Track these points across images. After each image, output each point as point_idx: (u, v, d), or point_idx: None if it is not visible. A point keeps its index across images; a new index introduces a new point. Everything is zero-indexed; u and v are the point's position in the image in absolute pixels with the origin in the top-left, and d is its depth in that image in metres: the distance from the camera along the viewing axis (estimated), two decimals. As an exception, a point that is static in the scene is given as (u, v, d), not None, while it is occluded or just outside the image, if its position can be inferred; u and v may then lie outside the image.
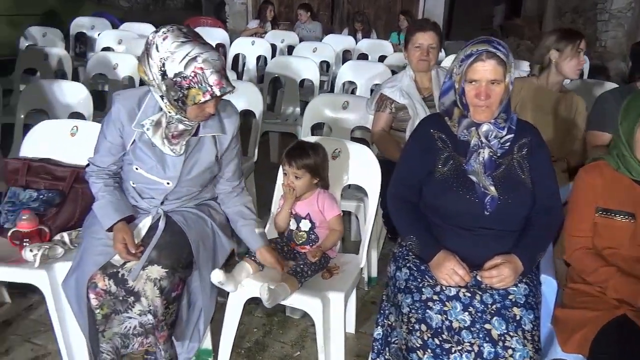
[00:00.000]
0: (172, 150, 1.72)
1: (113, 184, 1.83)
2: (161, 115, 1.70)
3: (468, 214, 1.60)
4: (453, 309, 1.51)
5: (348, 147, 2.08)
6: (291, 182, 1.89)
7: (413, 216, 1.68)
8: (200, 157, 1.79)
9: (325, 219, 1.93)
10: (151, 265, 1.69)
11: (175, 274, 1.70)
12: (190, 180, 1.81)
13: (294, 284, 1.75)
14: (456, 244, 1.62)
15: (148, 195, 1.83)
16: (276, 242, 1.96)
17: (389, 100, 2.56)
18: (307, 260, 1.84)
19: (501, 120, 1.62)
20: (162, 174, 1.76)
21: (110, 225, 1.75)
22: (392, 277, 1.71)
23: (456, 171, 1.63)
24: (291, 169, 1.87)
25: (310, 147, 1.91)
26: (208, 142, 1.80)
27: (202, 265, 1.81)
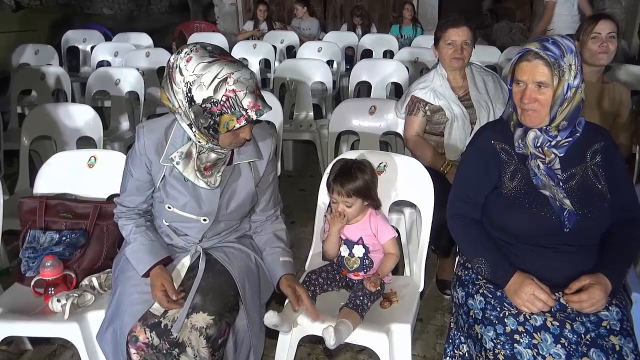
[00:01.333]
0: (207, 183, 1.57)
1: (145, 224, 1.68)
2: (190, 146, 1.56)
3: (544, 232, 1.47)
4: (543, 341, 1.38)
5: (395, 160, 1.94)
6: (342, 211, 1.74)
7: (479, 235, 1.58)
8: (238, 187, 1.65)
9: (379, 243, 1.78)
10: (196, 313, 1.55)
11: (222, 320, 1.57)
12: (229, 214, 1.67)
13: (355, 319, 1.62)
14: (531, 263, 1.51)
15: (183, 233, 1.69)
16: (326, 271, 1.83)
17: (422, 103, 2.42)
18: (365, 290, 1.69)
19: (553, 128, 1.47)
20: (197, 211, 1.62)
21: (145, 271, 1.61)
22: (462, 305, 1.59)
23: (526, 186, 1.51)
24: (341, 197, 1.73)
25: (357, 167, 1.76)
26: (245, 170, 1.66)
27: (248, 304, 1.68)
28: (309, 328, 1.65)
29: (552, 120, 1.46)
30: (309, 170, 4.00)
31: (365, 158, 1.87)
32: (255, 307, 1.71)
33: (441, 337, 2.23)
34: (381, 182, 1.87)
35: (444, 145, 2.37)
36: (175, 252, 1.69)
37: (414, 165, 1.91)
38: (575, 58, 1.43)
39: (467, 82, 2.43)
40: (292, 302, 1.63)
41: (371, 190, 1.77)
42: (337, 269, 1.84)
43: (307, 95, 3.67)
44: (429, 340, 2.22)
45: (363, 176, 1.74)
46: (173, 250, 1.69)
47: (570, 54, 1.42)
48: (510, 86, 1.51)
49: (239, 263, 1.68)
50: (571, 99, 1.44)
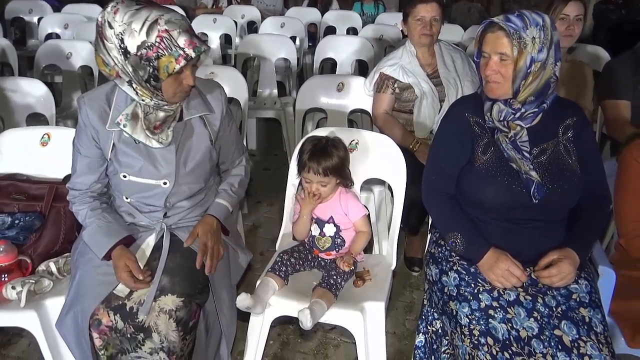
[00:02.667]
0: (159, 140, 1.53)
1: (100, 206, 1.61)
2: (135, 107, 1.52)
3: (515, 205, 1.49)
4: (517, 315, 1.40)
5: (367, 138, 1.91)
6: (316, 191, 1.70)
7: (455, 209, 1.59)
8: (193, 144, 1.62)
9: (350, 221, 1.76)
10: (164, 296, 1.50)
11: (192, 302, 1.53)
12: (190, 175, 1.62)
13: (329, 299, 1.60)
14: (504, 240, 1.52)
15: (147, 209, 1.63)
16: (298, 251, 1.79)
17: (391, 80, 2.39)
18: (339, 269, 1.67)
19: (516, 102, 1.48)
20: (155, 174, 1.57)
21: (105, 253, 1.54)
22: (436, 282, 1.59)
23: (498, 159, 1.51)
24: (317, 176, 1.69)
25: (332, 145, 1.73)
26: (197, 126, 1.63)
27: (218, 285, 1.64)
28: (282, 309, 1.63)
29: (516, 93, 1.45)
30: (273, 149, 3.95)
31: (337, 136, 1.83)
32: (225, 289, 1.67)
33: (410, 313, 2.26)
34: (352, 160, 1.84)
35: (413, 123, 2.36)
36: (138, 231, 1.63)
37: (385, 142, 1.89)
38: (541, 32, 1.40)
39: (435, 60, 2.41)
40: (188, 241, 1.59)
41: (346, 168, 1.74)
42: (309, 249, 1.81)
43: (270, 71, 3.57)
44: (398, 317, 2.24)
45: (339, 153, 1.71)
46: (136, 230, 1.63)
47: (535, 27, 1.40)
48: (478, 59, 1.51)
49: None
50: (537, 73, 1.42)
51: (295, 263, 1.74)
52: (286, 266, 1.70)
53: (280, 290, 1.67)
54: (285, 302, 1.63)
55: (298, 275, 1.76)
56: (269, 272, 1.69)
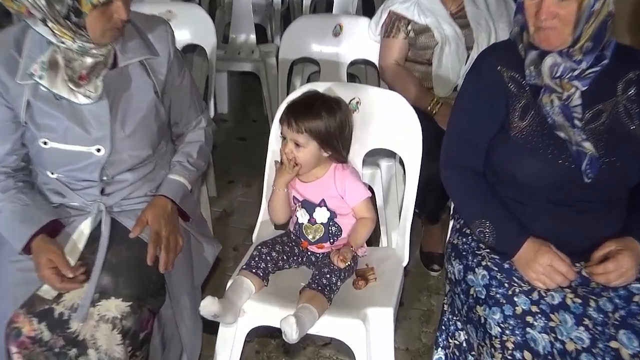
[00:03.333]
0: (86, 94, 1.54)
1: (15, 185, 1.63)
2: (53, 52, 1.52)
3: (561, 184, 1.51)
4: (562, 323, 1.42)
5: (372, 95, 1.91)
6: (289, 152, 1.73)
7: (482, 190, 1.62)
8: (133, 97, 1.63)
9: (349, 205, 1.79)
10: (105, 299, 1.52)
11: (142, 307, 1.55)
12: (131, 138, 1.64)
13: (321, 304, 1.62)
14: (547, 227, 1.55)
15: (80, 185, 1.65)
16: (281, 242, 1.81)
17: (404, 21, 2.41)
18: (333, 266, 1.69)
19: (577, 51, 1.48)
20: (85, 138, 1.58)
21: (23, 245, 1.55)
22: (460, 282, 1.62)
23: (540, 126, 1.53)
24: (290, 131, 1.71)
25: (324, 103, 1.73)
26: (137, 74, 1.64)
27: (176, 287, 1.67)
28: (260, 318, 1.65)
29: (576, 41, 1.46)
30: (251, 113, 3.95)
31: (335, 94, 1.83)
32: (185, 290, 1.70)
33: (427, 324, 2.29)
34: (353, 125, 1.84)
35: (432, 77, 2.37)
36: (69, 214, 1.64)
37: (396, 102, 1.89)
38: None
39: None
40: (134, 230, 1.61)
41: (333, 139, 1.74)
42: (295, 240, 1.83)
43: (246, 11, 3.57)
44: (412, 329, 2.27)
45: (328, 118, 1.71)
46: (66, 213, 1.64)
47: None
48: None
49: None
50: (598, 11, 1.44)
51: (277, 258, 1.75)
52: (266, 262, 1.72)
53: (258, 293, 1.68)
54: (265, 309, 1.64)
55: (281, 274, 1.77)
56: (244, 270, 1.70)
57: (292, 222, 1.85)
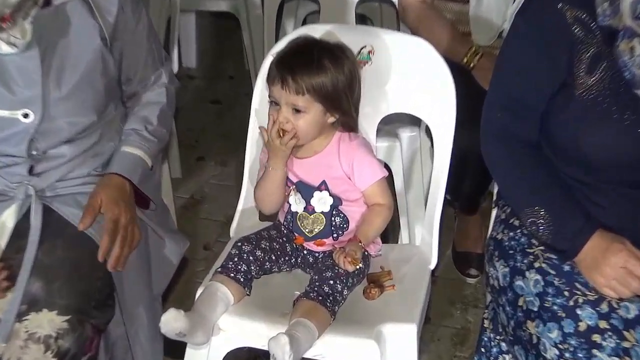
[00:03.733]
0: (9, 41, 1.57)
1: None
2: None
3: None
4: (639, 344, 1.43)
5: (388, 42, 1.92)
6: (284, 120, 1.73)
7: (536, 167, 1.63)
8: (71, 44, 1.67)
9: (358, 188, 1.80)
10: (35, 312, 1.54)
11: (84, 323, 1.58)
12: (69, 99, 1.68)
13: (322, 319, 1.63)
14: (622, 218, 1.57)
15: (1, 162, 1.68)
16: (268, 238, 1.82)
17: (433, -58, 2.42)
18: (338, 269, 1.70)
19: None
20: (9, 100, 1.62)
21: None
22: (505, 289, 1.64)
23: (615, 82, 1.53)
24: (285, 92, 1.71)
25: (328, 51, 1.74)
26: (78, 15, 1.68)
27: (130, 296, 1.71)
28: (241, 337, 1.67)
29: None
30: (227, 68, 3.99)
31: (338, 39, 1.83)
32: (140, 302, 1.74)
33: (462, 346, 2.32)
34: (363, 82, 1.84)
35: (470, 19, 2.38)
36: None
37: (421, 51, 1.90)
38: None
39: None
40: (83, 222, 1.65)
41: (342, 98, 1.76)
42: (287, 235, 1.85)
43: None
44: (441, 354, 2.30)
45: (335, 70, 1.72)
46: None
47: None
48: None
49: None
50: None
51: (263, 259, 1.76)
52: (248, 264, 1.73)
53: (238, 305, 1.70)
54: (247, 325, 1.66)
55: (268, 279, 1.80)
56: (219, 274, 1.71)
57: (283, 211, 1.87)
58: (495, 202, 1.87)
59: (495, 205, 1.87)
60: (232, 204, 2.00)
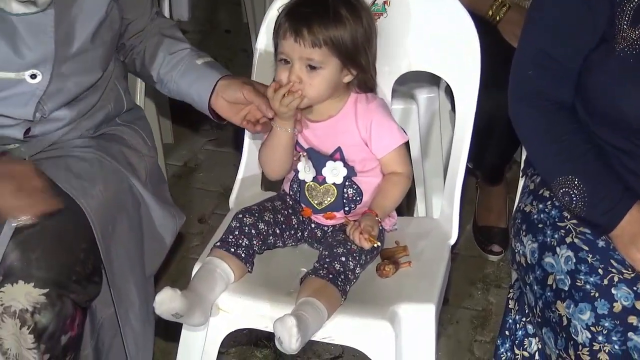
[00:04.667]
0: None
1: None
2: None
3: None
4: (680, 327, 1.46)
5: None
6: (296, 80, 1.72)
7: (571, 135, 1.63)
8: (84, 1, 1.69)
9: (374, 156, 1.81)
10: (10, 284, 1.55)
11: (63, 298, 1.59)
12: (79, 56, 1.70)
13: (332, 299, 1.64)
14: None
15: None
16: (272, 209, 1.83)
17: None
18: (350, 245, 1.71)
19: None
20: (15, 62, 1.63)
21: None
22: (533, 266, 1.65)
23: None
24: (299, 46, 1.70)
25: (343, 3, 1.73)
26: None
27: (119, 274, 1.73)
28: (242, 318, 1.69)
29: None
30: (223, 21, 4.01)
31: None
32: (131, 280, 1.75)
33: (483, 329, 2.35)
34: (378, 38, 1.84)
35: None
36: None
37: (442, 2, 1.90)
38: None
39: None
40: (260, 109, 1.75)
41: (361, 52, 1.76)
42: (293, 206, 1.86)
43: None
44: (461, 336, 2.33)
45: (353, 22, 1.72)
46: None
47: None
48: None
49: (100, 189, 1.69)
50: None
51: (266, 232, 1.78)
52: (250, 238, 1.74)
53: (239, 283, 1.71)
54: (249, 305, 1.68)
55: (272, 254, 1.82)
56: (218, 249, 1.73)
57: (288, 179, 1.88)
58: (523, 171, 1.88)
59: (523, 174, 1.88)
60: (230, 173, 2.02)
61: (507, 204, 2.59)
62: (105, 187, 1.72)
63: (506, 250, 2.55)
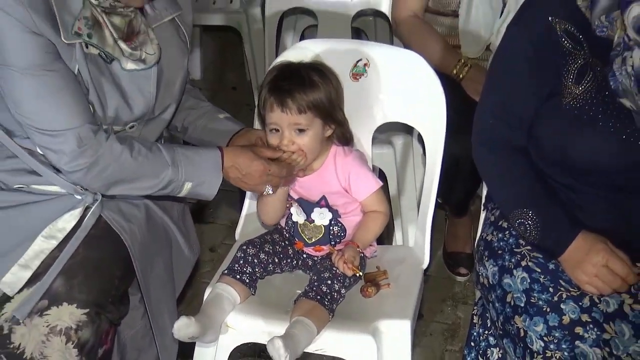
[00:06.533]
0: (141, 57, 1.62)
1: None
2: (91, 7, 1.56)
3: (626, 166, 1.53)
4: (619, 335, 1.45)
5: (383, 57, 1.94)
6: (289, 143, 1.73)
7: (525, 173, 1.64)
8: (169, 61, 1.73)
9: (356, 199, 1.82)
10: (56, 306, 1.54)
11: (102, 317, 1.59)
12: (165, 109, 1.78)
13: (321, 317, 1.65)
14: (604, 219, 1.58)
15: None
16: (271, 241, 1.84)
17: (422, -39, 2.42)
18: (336, 270, 1.72)
19: None
20: (128, 115, 1.67)
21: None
22: (494, 286, 1.65)
23: (600, 93, 1.55)
24: (287, 115, 1.71)
25: (313, 69, 1.75)
26: (169, 32, 1.75)
27: (155, 301, 1.74)
28: (247, 333, 1.69)
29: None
30: (229, 79, 3.99)
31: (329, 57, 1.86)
32: (166, 307, 1.77)
33: (453, 340, 2.34)
34: (359, 94, 1.88)
35: (459, 32, 2.39)
36: (27, 200, 1.64)
37: (414, 63, 1.92)
38: None
39: None
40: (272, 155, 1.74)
41: (336, 108, 1.77)
42: (289, 239, 1.86)
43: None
44: (434, 346, 2.32)
45: (325, 83, 1.73)
46: (27, 197, 1.64)
47: None
48: None
49: (141, 229, 1.70)
50: None
51: (267, 261, 1.78)
52: (253, 266, 1.75)
53: (244, 304, 1.72)
54: (252, 323, 1.69)
55: (271, 279, 1.82)
56: (226, 276, 1.73)
57: (284, 217, 1.88)
58: (485, 205, 1.89)
59: (484, 208, 1.88)
60: (235, 208, 2.01)
61: (471, 232, 2.59)
62: (148, 228, 1.73)
63: (471, 272, 2.55)
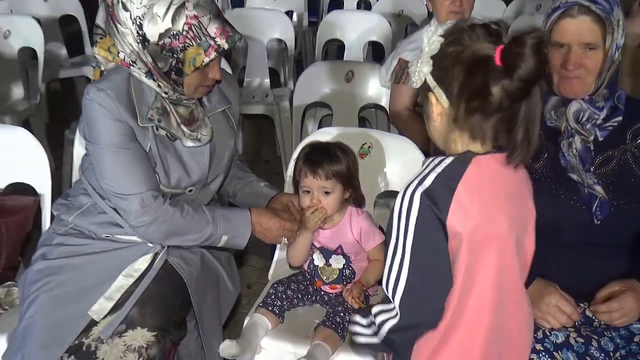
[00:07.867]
0: (198, 137, 1.66)
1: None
2: (161, 100, 1.62)
3: (571, 225, 1.56)
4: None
5: (383, 140, 2.01)
6: (316, 202, 1.78)
7: None
8: (221, 141, 1.77)
9: (364, 250, 1.85)
10: (132, 330, 1.56)
11: (166, 338, 1.60)
12: (214, 182, 1.80)
13: (335, 341, 1.67)
14: (553, 268, 1.59)
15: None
16: (296, 281, 1.88)
17: (413, 68, 2.47)
18: (347, 304, 1.75)
19: (600, 98, 1.57)
20: (186, 181, 1.70)
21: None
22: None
23: (553, 167, 1.59)
24: (317, 180, 1.77)
25: (337, 147, 1.81)
26: (221, 121, 1.78)
27: (206, 326, 1.75)
28: (277, 354, 1.71)
29: (598, 88, 1.55)
30: (264, 154, 4.02)
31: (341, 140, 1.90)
32: (212, 330, 1.76)
33: None
34: (365, 169, 1.92)
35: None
36: (114, 246, 1.68)
37: (407, 146, 1.98)
38: (620, 11, 1.52)
39: (469, 43, 2.50)
40: (304, 217, 1.78)
41: (354, 177, 1.82)
42: (310, 279, 1.89)
43: (261, 56, 3.66)
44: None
45: (346, 158, 1.79)
46: (111, 244, 1.67)
47: (617, 7, 1.51)
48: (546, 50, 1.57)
49: (197, 270, 1.72)
50: (617, 60, 1.53)
51: (292, 296, 1.82)
52: (281, 300, 1.79)
53: (274, 330, 1.74)
54: (281, 345, 1.70)
55: (296, 311, 1.84)
56: (261, 308, 1.76)
57: (307, 262, 1.91)
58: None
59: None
60: (267, 256, 2.03)
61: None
62: (202, 269, 1.75)
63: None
